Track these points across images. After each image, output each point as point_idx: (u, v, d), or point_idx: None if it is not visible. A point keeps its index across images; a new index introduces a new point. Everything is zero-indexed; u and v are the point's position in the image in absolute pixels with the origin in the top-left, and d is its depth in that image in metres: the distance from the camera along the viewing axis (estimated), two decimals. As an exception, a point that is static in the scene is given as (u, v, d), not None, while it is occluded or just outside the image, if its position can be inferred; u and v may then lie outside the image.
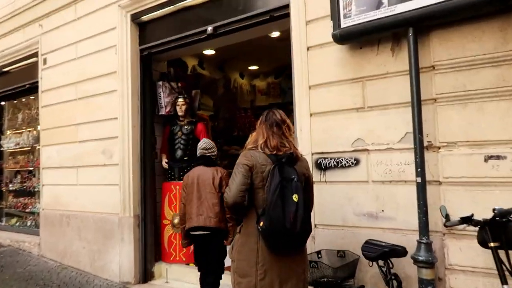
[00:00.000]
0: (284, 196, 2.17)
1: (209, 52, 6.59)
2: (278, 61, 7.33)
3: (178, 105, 4.81)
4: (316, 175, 3.16)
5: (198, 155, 3.76)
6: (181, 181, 4.62)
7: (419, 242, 2.56)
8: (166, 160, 4.82)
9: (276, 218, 2.16)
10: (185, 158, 4.75)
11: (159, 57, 4.86)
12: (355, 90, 3.01)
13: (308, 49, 3.26)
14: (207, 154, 3.69)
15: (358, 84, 3.00)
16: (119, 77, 4.61)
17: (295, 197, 2.17)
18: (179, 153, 4.77)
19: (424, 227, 2.56)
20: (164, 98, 4.84)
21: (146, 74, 4.72)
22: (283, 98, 7.73)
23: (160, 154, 4.91)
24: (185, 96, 4.89)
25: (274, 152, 2.32)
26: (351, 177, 3.01)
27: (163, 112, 4.86)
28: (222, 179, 3.46)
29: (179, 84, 5.09)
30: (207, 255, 3.57)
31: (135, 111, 4.59)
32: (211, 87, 7.13)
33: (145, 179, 4.61)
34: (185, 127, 4.82)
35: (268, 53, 6.77)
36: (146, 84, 4.71)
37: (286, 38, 6.19)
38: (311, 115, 3.22)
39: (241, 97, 7.94)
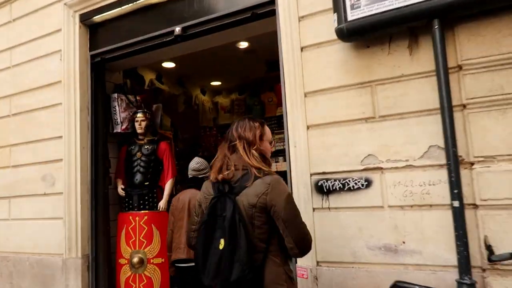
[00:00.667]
0: (210, 239, 1.77)
1: (169, 65, 6.01)
2: (243, 76, 6.86)
3: (137, 121, 4.09)
4: (317, 200, 2.59)
5: (189, 176, 3.35)
6: (141, 211, 3.91)
7: (460, 283, 2.04)
8: (123, 186, 4.04)
9: (198, 270, 1.82)
10: (146, 184, 4.01)
11: (113, 65, 4.14)
12: (363, 97, 2.51)
13: (302, 49, 2.73)
14: (200, 176, 3.25)
15: (366, 90, 2.50)
16: (64, 88, 3.83)
17: (221, 243, 1.71)
18: (138, 177, 4.02)
19: (465, 263, 2.05)
20: (120, 113, 4.11)
21: (98, 85, 3.97)
22: (248, 115, 7.21)
23: (115, 179, 4.13)
24: (145, 110, 4.19)
25: (216, 179, 1.89)
26: (362, 202, 2.46)
27: (118, 129, 4.11)
28: None
29: (138, 98, 4.38)
30: None
31: (85, 129, 3.81)
32: (170, 104, 6.46)
33: (96, 210, 3.79)
34: (146, 146, 4.10)
35: (233, 66, 6.28)
36: (98, 96, 3.96)
37: (255, 49, 5.77)
38: (308, 127, 2.66)
39: (203, 115, 7.33)
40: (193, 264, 2.94)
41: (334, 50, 2.61)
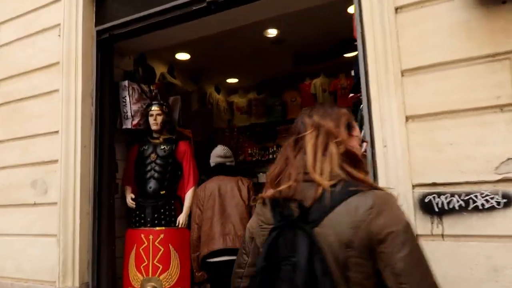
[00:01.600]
0: None
1: (182, 56, 5.28)
2: (264, 73, 6.11)
3: (152, 115, 3.31)
4: (423, 223, 1.80)
5: (213, 164, 3.14)
6: (156, 228, 3.11)
7: None
8: (133, 196, 3.25)
9: None
10: (162, 193, 3.21)
11: (123, 47, 3.38)
12: (497, 74, 1.73)
13: (396, 11, 1.96)
14: (228, 164, 3.09)
15: (503, 64, 1.72)
16: (63, 71, 3.05)
17: None
18: (152, 185, 3.22)
19: None
20: (131, 105, 3.32)
21: (106, 69, 3.18)
22: (268, 117, 6.47)
23: (123, 186, 3.34)
24: (162, 102, 3.41)
25: (273, 196, 1.15)
26: (498, 228, 1.67)
27: (128, 125, 3.33)
28: (249, 190, 2.95)
29: (152, 87, 3.60)
30: None
31: (87, 122, 3.02)
32: (182, 102, 5.69)
33: (99, 226, 2.97)
34: (162, 146, 3.31)
35: (255, 61, 5.52)
36: (105, 82, 3.16)
37: (283, 39, 5.02)
38: (407, 119, 1.88)
39: (217, 116, 6.56)
40: (232, 257, 2.60)
41: (448, 9, 1.84)
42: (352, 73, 2.32)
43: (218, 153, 3.12)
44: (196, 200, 3.00)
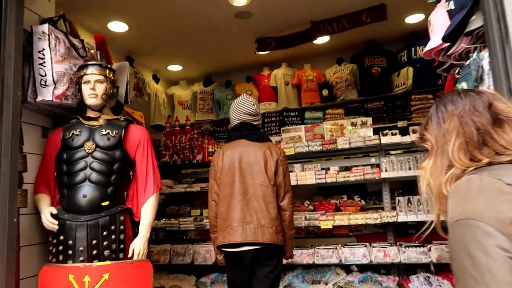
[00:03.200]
0: None
1: (118, 26, 4.13)
2: (217, 59, 5.09)
3: (88, 81, 2.09)
4: None
5: (235, 122, 2.42)
6: (96, 263, 1.88)
7: None
8: (54, 211, 1.97)
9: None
10: (104, 204, 1.98)
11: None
12: None
13: None
14: (255, 122, 2.40)
15: None
16: None
17: None
18: (88, 191, 1.98)
19: None
20: (52, 65, 2.05)
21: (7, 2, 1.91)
22: (217, 114, 5.44)
23: (36, 195, 2.05)
24: (105, 64, 2.20)
25: None
26: None
27: (48, 96, 2.05)
28: (278, 163, 2.29)
29: (87, 44, 2.36)
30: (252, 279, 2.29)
31: (-28, 85, 1.73)
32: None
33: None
34: (104, 131, 2.09)
35: (210, 41, 4.47)
36: (8, 22, 1.88)
37: (252, 12, 4.02)
38: None
39: (156, 110, 5.36)
40: (249, 248, 2.21)
41: None
42: (451, 5, 1.43)
43: (244, 108, 2.37)
44: (212, 170, 2.39)
